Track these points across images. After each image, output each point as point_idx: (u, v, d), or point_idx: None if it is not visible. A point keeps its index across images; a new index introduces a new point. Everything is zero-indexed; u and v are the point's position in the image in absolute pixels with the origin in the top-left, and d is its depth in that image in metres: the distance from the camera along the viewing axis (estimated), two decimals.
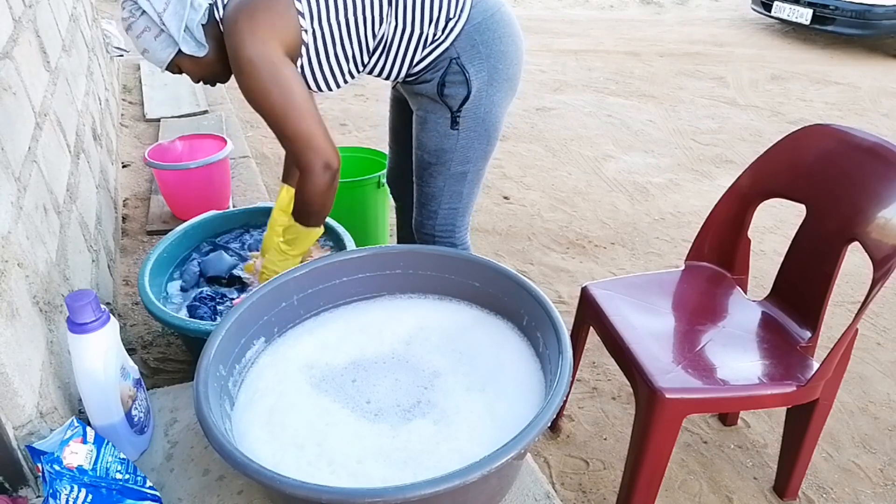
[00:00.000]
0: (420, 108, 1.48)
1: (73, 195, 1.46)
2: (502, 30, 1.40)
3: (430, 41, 1.36)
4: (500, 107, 1.47)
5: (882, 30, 5.72)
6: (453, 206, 1.57)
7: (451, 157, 1.48)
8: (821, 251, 1.43)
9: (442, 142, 1.47)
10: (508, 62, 1.43)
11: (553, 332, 1.04)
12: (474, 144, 1.48)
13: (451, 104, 1.42)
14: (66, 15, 2.02)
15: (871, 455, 1.75)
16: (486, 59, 1.39)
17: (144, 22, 1.27)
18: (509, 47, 1.42)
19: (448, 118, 1.44)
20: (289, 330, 1.22)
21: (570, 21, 7.20)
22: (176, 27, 1.27)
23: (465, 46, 1.37)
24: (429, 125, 1.47)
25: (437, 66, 1.39)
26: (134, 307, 1.78)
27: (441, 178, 1.52)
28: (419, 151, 1.52)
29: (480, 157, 1.52)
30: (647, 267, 2.63)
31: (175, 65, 1.34)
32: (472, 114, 1.43)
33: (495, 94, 1.44)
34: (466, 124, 1.44)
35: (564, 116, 4.31)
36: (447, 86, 1.40)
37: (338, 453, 0.96)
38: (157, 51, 1.30)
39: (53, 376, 1.05)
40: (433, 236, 1.61)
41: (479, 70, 1.39)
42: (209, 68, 1.36)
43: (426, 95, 1.44)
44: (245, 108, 3.97)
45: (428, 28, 1.35)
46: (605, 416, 1.85)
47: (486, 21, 1.37)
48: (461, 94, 1.41)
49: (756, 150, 2.96)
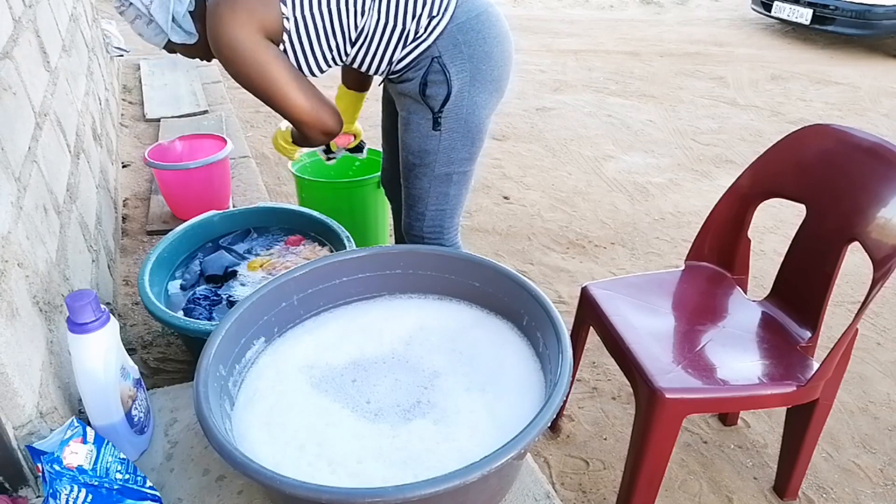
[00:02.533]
0: (403, 109, 1.48)
1: (73, 195, 1.46)
2: (487, 30, 1.38)
3: (412, 38, 1.35)
4: (484, 108, 1.45)
5: (882, 30, 5.73)
6: (440, 208, 1.56)
7: (434, 159, 1.48)
8: (821, 251, 1.43)
9: (424, 143, 1.46)
10: (493, 63, 1.41)
11: (553, 332, 1.04)
12: (457, 145, 1.47)
13: (432, 105, 1.41)
14: (66, 15, 2.02)
15: (871, 455, 1.75)
16: (469, 60, 1.38)
17: (134, 11, 1.32)
18: (494, 48, 1.40)
19: (430, 119, 1.43)
20: (289, 330, 1.22)
21: (570, 21, 7.20)
22: (163, 19, 1.32)
23: (447, 46, 1.36)
24: (412, 126, 1.46)
25: (419, 65, 1.38)
26: (134, 307, 1.78)
27: (426, 180, 1.51)
28: (404, 153, 1.52)
29: (465, 159, 1.50)
30: (647, 267, 2.63)
31: (170, 47, 1.40)
32: (453, 114, 1.42)
33: (478, 96, 1.42)
34: (448, 125, 1.43)
35: (564, 116, 4.31)
36: (429, 85, 1.39)
37: (338, 453, 0.96)
38: (152, 37, 1.36)
39: (53, 376, 1.05)
40: (422, 238, 1.60)
41: (460, 70, 1.38)
42: (202, 51, 1.40)
43: (409, 95, 1.44)
44: (245, 107, 4.00)
45: (410, 24, 1.34)
46: (605, 416, 1.85)
47: (470, 21, 1.36)
48: (442, 94, 1.39)
49: (756, 150, 2.96)
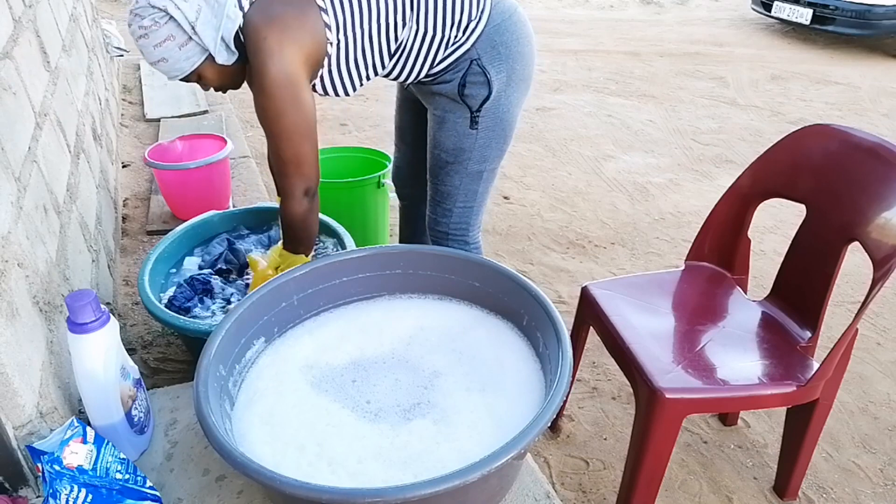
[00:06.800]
0: (437, 108, 1.50)
1: (73, 195, 1.46)
2: (520, 31, 1.43)
3: (451, 43, 1.38)
4: (517, 106, 1.50)
5: (882, 30, 5.73)
6: (468, 205, 1.60)
7: (469, 157, 1.51)
8: (821, 251, 1.43)
9: (461, 141, 1.49)
10: (525, 63, 1.46)
11: (553, 332, 1.04)
12: (492, 143, 1.51)
13: (471, 104, 1.44)
14: (66, 15, 2.02)
15: (871, 455, 1.75)
16: (506, 60, 1.42)
17: (170, 30, 1.18)
18: (525, 48, 1.45)
19: (467, 118, 1.46)
20: (289, 330, 1.22)
21: (570, 21, 7.20)
22: (211, 37, 1.20)
23: (485, 48, 1.39)
24: (447, 125, 1.49)
25: (458, 68, 1.41)
26: (134, 307, 1.78)
27: (458, 177, 1.54)
28: (436, 150, 1.54)
29: (496, 156, 1.55)
30: (647, 267, 2.63)
31: (195, 74, 1.27)
32: (491, 113, 1.46)
33: (513, 95, 1.47)
34: (486, 124, 1.47)
35: (564, 116, 4.31)
36: (468, 86, 1.42)
37: (338, 453, 0.96)
38: (180, 60, 1.22)
39: (53, 376, 1.05)
40: (447, 234, 1.63)
41: (499, 71, 1.42)
42: (231, 77, 1.31)
43: (445, 95, 1.46)
44: (245, 108, 4.00)
45: (449, 31, 1.36)
46: (605, 416, 1.85)
47: (504, 23, 1.40)
48: (482, 94, 1.43)
49: (756, 150, 2.97)
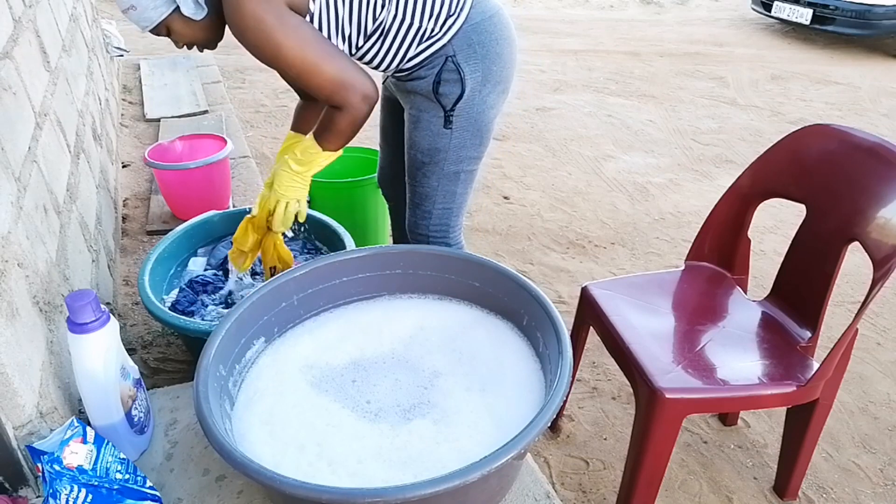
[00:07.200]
0: (413, 107, 1.48)
1: (73, 195, 1.46)
2: (499, 32, 1.41)
3: (428, 36, 1.36)
4: (493, 108, 1.48)
5: (882, 30, 5.72)
6: (447, 206, 1.57)
7: (444, 157, 1.48)
8: (821, 251, 1.43)
9: (435, 141, 1.47)
10: (503, 64, 1.43)
11: (553, 332, 1.04)
12: (467, 144, 1.48)
13: (444, 103, 1.42)
14: (66, 15, 2.02)
15: (871, 455, 1.75)
16: (482, 60, 1.40)
17: None
18: (504, 49, 1.43)
19: (441, 117, 1.44)
20: (289, 330, 1.22)
21: (570, 21, 7.19)
22: None
23: (461, 45, 1.37)
24: (422, 124, 1.47)
25: (433, 63, 1.39)
26: (134, 307, 1.78)
27: (435, 178, 1.52)
28: (412, 151, 1.52)
29: (473, 158, 1.52)
30: (647, 267, 2.63)
31: (164, 26, 1.24)
32: (465, 113, 1.44)
33: (488, 95, 1.44)
34: (460, 123, 1.45)
35: (564, 116, 4.31)
36: (442, 84, 1.40)
37: (338, 453, 0.96)
38: (148, 9, 1.20)
39: (53, 376, 1.05)
40: (427, 237, 1.60)
41: (474, 70, 1.40)
42: (202, 32, 1.28)
43: (420, 93, 1.44)
44: (245, 107, 3.99)
45: (427, 22, 1.35)
46: (605, 416, 1.85)
47: (484, 22, 1.38)
48: (455, 92, 1.41)
49: (756, 150, 2.97)
